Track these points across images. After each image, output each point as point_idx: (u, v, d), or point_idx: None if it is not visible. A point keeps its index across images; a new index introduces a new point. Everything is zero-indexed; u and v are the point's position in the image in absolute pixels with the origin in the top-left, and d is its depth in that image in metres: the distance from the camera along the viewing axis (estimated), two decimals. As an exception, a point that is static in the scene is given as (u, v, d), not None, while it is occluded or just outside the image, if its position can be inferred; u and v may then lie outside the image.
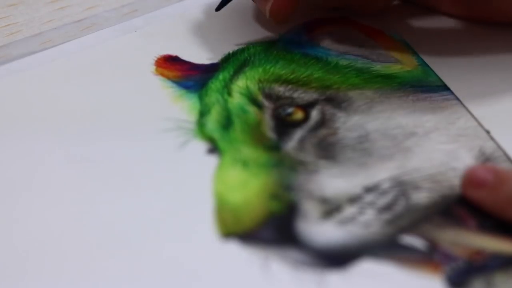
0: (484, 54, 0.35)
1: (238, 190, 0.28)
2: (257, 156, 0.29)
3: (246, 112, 0.32)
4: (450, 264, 0.25)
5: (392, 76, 0.34)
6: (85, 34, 0.38)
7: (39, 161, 0.30)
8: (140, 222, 0.27)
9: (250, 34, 0.37)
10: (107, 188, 0.28)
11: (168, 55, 0.36)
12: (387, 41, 0.37)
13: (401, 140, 0.30)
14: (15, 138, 0.31)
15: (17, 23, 0.39)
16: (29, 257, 0.26)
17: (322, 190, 0.28)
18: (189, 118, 0.32)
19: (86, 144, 0.31)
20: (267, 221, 0.27)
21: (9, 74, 0.35)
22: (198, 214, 0.27)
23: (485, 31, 0.36)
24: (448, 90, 0.33)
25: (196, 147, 0.30)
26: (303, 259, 0.25)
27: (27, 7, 0.40)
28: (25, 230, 0.27)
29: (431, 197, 0.27)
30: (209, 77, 0.34)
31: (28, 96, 0.33)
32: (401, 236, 0.26)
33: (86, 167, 0.29)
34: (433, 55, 0.35)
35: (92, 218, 0.27)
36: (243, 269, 0.25)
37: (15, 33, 0.38)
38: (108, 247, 0.26)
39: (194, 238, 0.26)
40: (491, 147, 0.30)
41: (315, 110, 0.32)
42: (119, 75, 0.35)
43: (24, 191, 0.28)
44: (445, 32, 0.37)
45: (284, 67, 0.34)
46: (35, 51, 0.36)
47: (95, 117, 0.32)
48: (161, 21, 0.39)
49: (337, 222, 0.27)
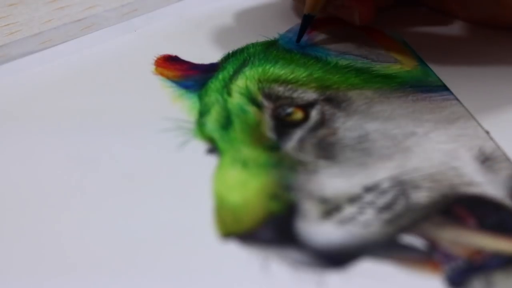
0: (484, 55, 0.35)
1: (237, 190, 0.28)
2: (256, 156, 0.29)
3: (245, 112, 0.32)
4: (450, 264, 0.25)
5: (392, 76, 0.34)
6: (85, 34, 0.38)
7: (38, 161, 0.30)
8: (139, 221, 0.27)
9: (250, 34, 0.37)
10: (106, 188, 0.28)
11: (168, 55, 0.36)
12: (387, 41, 0.37)
13: (401, 140, 0.30)
14: (14, 138, 0.31)
15: (17, 22, 0.39)
16: (29, 257, 0.26)
17: (322, 190, 0.28)
18: (188, 118, 0.32)
19: (86, 143, 0.31)
20: (267, 221, 0.27)
21: (9, 74, 0.35)
22: (198, 214, 0.27)
23: (485, 32, 0.36)
24: (448, 90, 0.33)
25: (195, 147, 0.30)
26: (303, 259, 0.25)
27: (26, 7, 0.40)
28: (25, 231, 0.27)
29: (431, 197, 0.27)
30: (209, 77, 0.34)
31: (28, 96, 0.33)
32: (401, 235, 0.26)
33: (85, 166, 0.29)
34: (433, 55, 0.35)
35: (91, 218, 0.27)
36: (242, 269, 0.25)
37: (14, 33, 0.38)
38: (107, 246, 0.26)
39: (193, 238, 0.26)
40: (491, 146, 0.30)
41: (314, 110, 0.32)
42: (118, 75, 0.35)
43: (23, 191, 0.28)
44: (445, 33, 0.37)
45: (284, 67, 0.34)
46: (35, 51, 0.36)
47: (95, 116, 0.32)
48: (161, 21, 0.39)
49: (337, 222, 0.26)
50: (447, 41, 0.37)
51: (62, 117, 0.32)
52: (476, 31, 0.37)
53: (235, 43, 0.36)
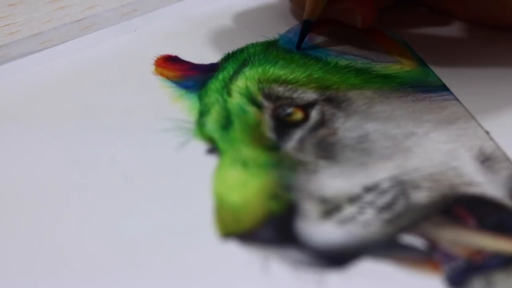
0: (485, 55, 0.35)
1: (237, 190, 0.28)
2: (256, 156, 0.29)
3: (245, 112, 0.32)
4: (450, 264, 0.25)
5: (392, 76, 0.34)
6: (85, 34, 0.38)
7: (38, 161, 0.30)
8: (139, 222, 0.27)
9: (250, 34, 0.37)
10: (105, 188, 0.28)
11: (168, 55, 0.36)
12: (387, 41, 0.37)
13: (401, 140, 0.30)
14: (14, 138, 0.31)
15: (17, 22, 0.39)
16: (29, 257, 0.26)
17: (322, 190, 0.28)
18: (188, 118, 0.32)
19: (86, 143, 0.31)
20: (267, 221, 0.27)
21: (9, 74, 0.35)
22: (198, 214, 0.27)
23: (485, 32, 0.36)
24: (448, 90, 0.33)
25: (195, 147, 0.30)
26: (303, 259, 0.25)
27: (26, 7, 0.40)
28: (25, 231, 0.27)
29: (431, 197, 0.27)
30: (209, 77, 0.34)
31: (28, 96, 0.33)
32: (401, 235, 0.26)
33: (85, 166, 0.29)
34: (433, 55, 0.35)
35: (90, 218, 0.27)
36: (243, 269, 0.25)
37: (14, 33, 0.38)
38: (106, 246, 0.26)
39: (193, 238, 0.26)
40: (491, 147, 0.30)
41: (314, 110, 0.32)
42: (118, 75, 0.35)
43: (23, 191, 0.28)
44: (445, 33, 0.37)
45: (284, 67, 0.34)
46: (35, 51, 0.36)
47: (94, 116, 0.32)
48: (161, 21, 0.39)
49: (337, 221, 0.26)
50: (447, 41, 0.37)
51: (62, 118, 0.32)
52: (476, 31, 0.37)
53: (235, 43, 0.36)
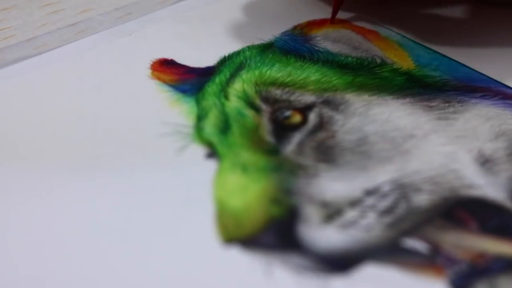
0: (484, 55, 0.35)
1: (238, 195, 0.28)
2: (256, 160, 0.29)
3: (243, 116, 0.32)
4: (453, 267, 0.25)
5: (389, 78, 0.34)
6: (80, 38, 0.37)
7: (34, 167, 0.30)
8: (139, 228, 0.27)
9: (246, 37, 0.37)
10: (104, 194, 0.28)
11: (164, 59, 0.35)
12: (383, 42, 0.37)
13: (400, 142, 0.30)
14: (9, 144, 0.31)
15: (11, 27, 0.39)
16: (29, 257, 0.26)
17: (323, 193, 0.28)
18: (186, 122, 0.31)
19: (83, 149, 0.30)
20: (268, 225, 0.27)
21: (4, 79, 0.34)
22: (199, 220, 0.27)
23: (485, 32, 0.36)
24: (447, 91, 0.33)
25: (194, 151, 0.30)
26: (306, 264, 0.25)
27: (20, 11, 0.40)
28: (24, 231, 0.27)
29: (432, 200, 0.27)
30: (206, 80, 0.34)
31: (23, 102, 0.33)
32: (403, 239, 0.26)
33: (82, 172, 0.29)
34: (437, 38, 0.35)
35: (90, 224, 0.27)
36: (245, 274, 0.25)
37: (9, 38, 0.38)
38: (107, 253, 0.26)
39: (195, 244, 0.26)
40: (490, 148, 0.30)
41: (312, 113, 0.32)
42: (114, 79, 0.34)
43: (21, 195, 0.28)
44: (445, 33, 0.37)
45: (281, 70, 0.34)
46: (30, 56, 0.36)
47: (91, 121, 0.32)
48: (156, 24, 0.39)
49: (339, 226, 0.26)
50: (447, 42, 0.37)
51: (57, 123, 0.32)
52: (477, 31, 0.37)
53: (231, 46, 0.36)
